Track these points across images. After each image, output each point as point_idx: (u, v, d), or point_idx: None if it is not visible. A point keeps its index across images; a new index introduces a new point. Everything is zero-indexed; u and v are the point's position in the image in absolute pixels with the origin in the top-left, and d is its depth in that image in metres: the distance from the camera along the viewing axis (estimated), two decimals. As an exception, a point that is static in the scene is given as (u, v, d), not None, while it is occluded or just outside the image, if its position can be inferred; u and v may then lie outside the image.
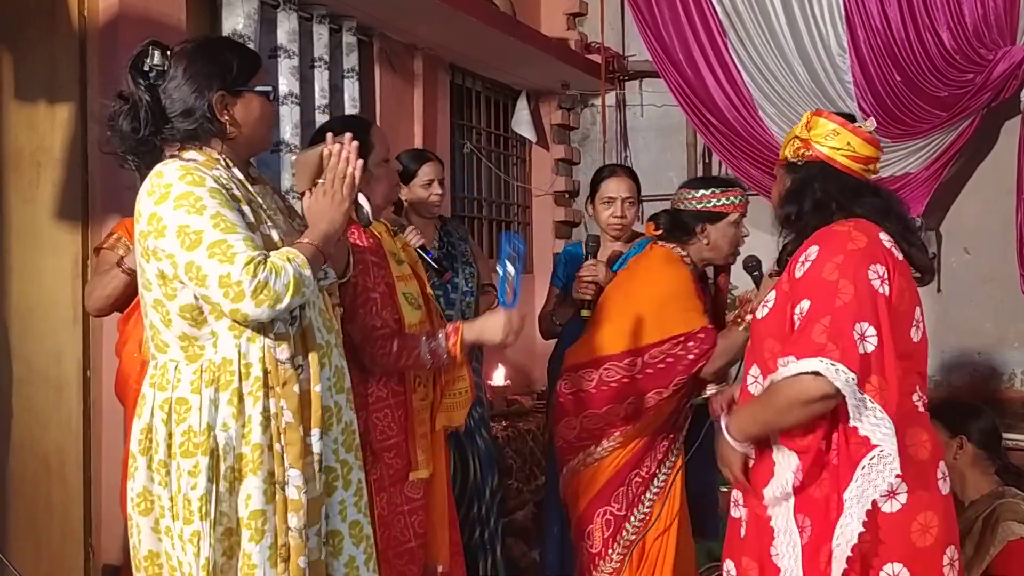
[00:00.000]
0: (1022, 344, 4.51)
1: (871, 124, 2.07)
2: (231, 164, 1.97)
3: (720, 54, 4.88)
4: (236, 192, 1.92)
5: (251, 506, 1.86)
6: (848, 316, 1.81)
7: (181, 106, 1.91)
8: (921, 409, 1.94)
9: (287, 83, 3.64)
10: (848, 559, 1.80)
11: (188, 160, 1.91)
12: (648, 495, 2.79)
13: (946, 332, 4.64)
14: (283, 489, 1.87)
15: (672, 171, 5.41)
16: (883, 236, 1.93)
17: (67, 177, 3.16)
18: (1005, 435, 3.15)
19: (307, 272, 1.86)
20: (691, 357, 2.70)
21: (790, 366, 1.82)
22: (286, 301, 1.82)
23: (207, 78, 1.92)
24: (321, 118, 3.80)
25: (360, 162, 2.00)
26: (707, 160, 5.39)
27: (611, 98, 5.52)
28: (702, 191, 2.85)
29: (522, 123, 5.41)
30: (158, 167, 1.89)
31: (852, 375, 1.77)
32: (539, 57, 4.94)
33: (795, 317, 1.88)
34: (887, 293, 1.85)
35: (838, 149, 2.02)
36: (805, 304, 1.86)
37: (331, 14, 3.89)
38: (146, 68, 1.93)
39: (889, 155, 4.57)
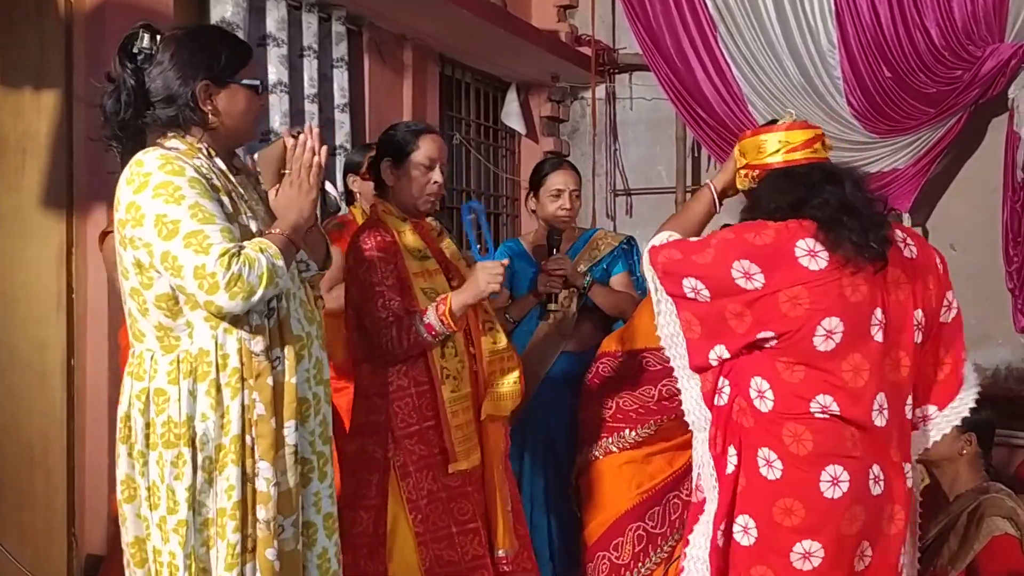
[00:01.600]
0: (1007, 340, 4.53)
1: (790, 115, 2.17)
2: (213, 154, 1.96)
3: (710, 48, 4.88)
4: (216, 182, 1.91)
5: (233, 497, 1.85)
6: (690, 267, 2.03)
7: (164, 92, 1.91)
8: (820, 415, 1.97)
9: (276, 72, 3.62)
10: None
11: (170, 149, 1.90)
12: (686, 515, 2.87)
13: (932, 328, 4.65)
14: (251, 481, 1.87)
15: (661, 165, 5.41)
16: (800, 244, 1.95)
17: (52, 164, 3.13)
18: (991, 431, 3.17)
19: (280, 263, 1.85)
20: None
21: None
22: (260, 293, 1.81)
23: (193, 66, 1.91)
24: (310, 107, 3.78)
25: (325, 149, 1.99)
26: (696, 154, 5.40)
27: (601, 91, 5.51)
28: None
29: (512, 115, 5.40)
30: (138, 155, 1.88)
31: (661, 287, 2.08)
32: (529, 49, 4.93)
33: None
34: (747, 287, 1.96)
35: (776, 152, 2.09)
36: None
37: (320, 3, 3.87)
38: (135, 51, 1.92)
39: (877, 151, 4.59)
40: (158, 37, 1.93)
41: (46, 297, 3.14)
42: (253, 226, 1.94)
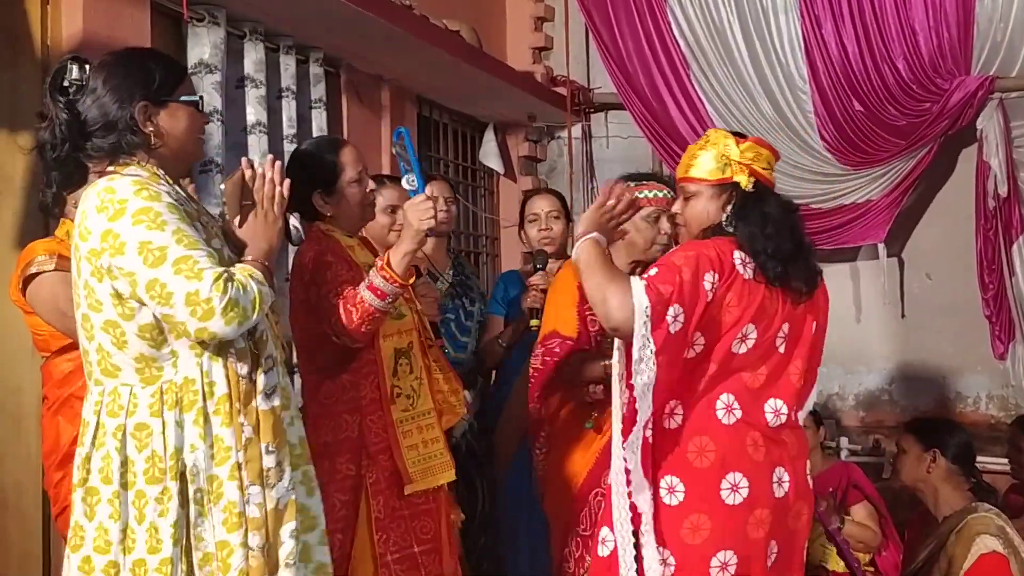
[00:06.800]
0: (985, 368, 4.56)
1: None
2: (171, 181, 1.93)
3: (683, 86, 4.95)
4: (187, 208, 1.88)
5: (242, 525, 1.82)
6: (675, 292, 2.01)
7: (101, 119, 1.85)
8: (725, 421, 2.07)
9: (255, 112, 3.63)
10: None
11: (132, 175, 1.85)
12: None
13: (910, 357, 4.69)
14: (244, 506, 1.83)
15: (638, 202, 5.45)
16: (736, 255, 2.12)
17: (28, 206, 3.10)
18: (972, 457, 3.17)
19: (267, 289, 1.86)
20: (537, 362, 2.74)
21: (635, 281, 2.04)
22: (253, 318, 1.81)
23: (128, 89, 1.86)
24: (289, 148, 3.78)
25: (288, 182, 2.00)
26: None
27: (577, 130, 5.57)
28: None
29: (489, 155, 5.43)
30: (103, 183, 1.82)
31: (648, 323, 1.97)
32: (506, 89, 4.98)
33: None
34: (709, 298, 2.05)
35: (766, 169, 2.25)
36: (651, 271, 2.08)
37: (297, 45, 3.90)
38: (65, 84, 1.87)
39: (850, 183, 4.65)
40: (87, 67, 1.89)
41: (21, 341, 3.08)
42: (225, 251, 1.93)
